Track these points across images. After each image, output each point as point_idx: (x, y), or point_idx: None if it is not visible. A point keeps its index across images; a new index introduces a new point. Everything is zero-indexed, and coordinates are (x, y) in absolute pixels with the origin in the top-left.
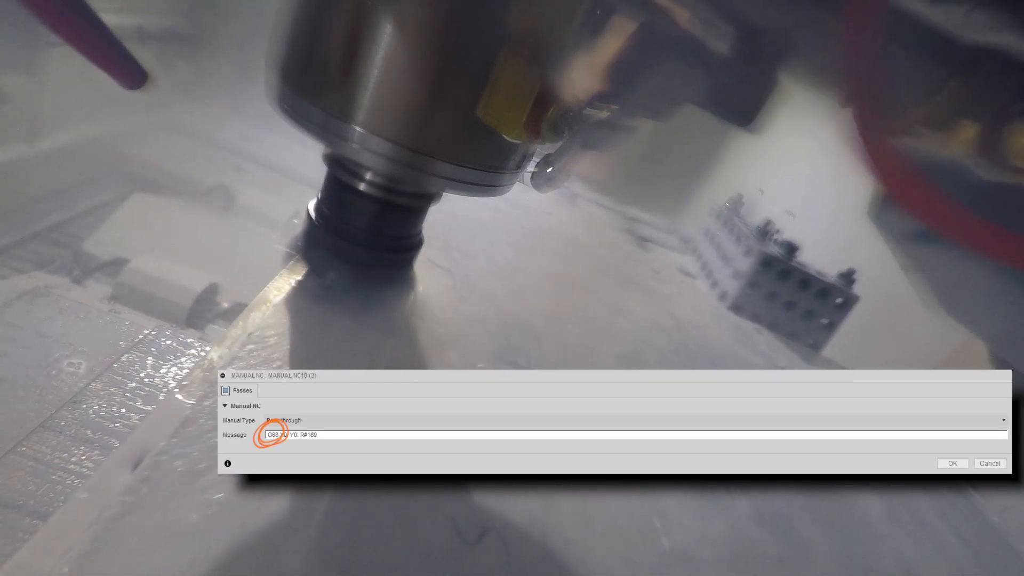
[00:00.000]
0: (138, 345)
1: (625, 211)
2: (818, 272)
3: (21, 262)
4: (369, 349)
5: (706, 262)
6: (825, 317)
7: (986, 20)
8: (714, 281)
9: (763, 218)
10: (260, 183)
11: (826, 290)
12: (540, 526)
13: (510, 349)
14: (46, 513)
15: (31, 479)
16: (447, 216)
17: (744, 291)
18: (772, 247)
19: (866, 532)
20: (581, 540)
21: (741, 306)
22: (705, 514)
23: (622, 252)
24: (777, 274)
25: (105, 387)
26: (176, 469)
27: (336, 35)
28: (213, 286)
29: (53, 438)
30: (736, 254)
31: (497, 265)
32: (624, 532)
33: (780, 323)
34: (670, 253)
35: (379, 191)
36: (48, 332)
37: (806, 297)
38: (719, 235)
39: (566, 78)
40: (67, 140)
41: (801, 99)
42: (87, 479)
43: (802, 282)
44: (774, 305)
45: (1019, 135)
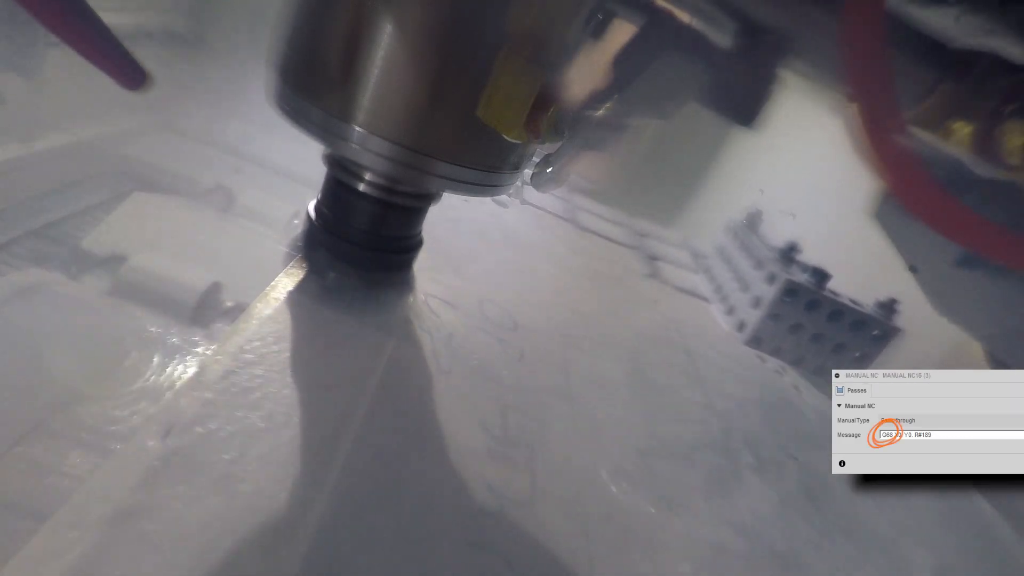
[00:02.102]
0: (139, 344)
1: (631, 223)
2: (852, 301)
3: (18, 260)
4: (369, 349)
5: (720, 284)
6: (858, 350)
7: (977, 23)
8: (730, 307)
9: (786, 240)
10: (260, 183)
11: (862, 321)
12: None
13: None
14: (43, 514)
15: (27, 480)
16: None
17: (765, 323)
18: (797, 272)
19: None
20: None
21: (760, 339)
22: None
23: (623, 260)
24: (805, 304)
25: (104, 387)
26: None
27: (336, 35)
28: (217, 285)
29: (49, 439)
30: (756, 279)
31: (499, 270)
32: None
33: (805, 358)
34: (681, 272)
35: (379, 191)
36: (45, 330)
37: (837, 329)
38: (735, 255)
39: (566, 78)
40: (66, 140)
41: (802, 99)
42: (85, 480)
43: (834, 313)
44: (799, 338)
45: (1012, 135)
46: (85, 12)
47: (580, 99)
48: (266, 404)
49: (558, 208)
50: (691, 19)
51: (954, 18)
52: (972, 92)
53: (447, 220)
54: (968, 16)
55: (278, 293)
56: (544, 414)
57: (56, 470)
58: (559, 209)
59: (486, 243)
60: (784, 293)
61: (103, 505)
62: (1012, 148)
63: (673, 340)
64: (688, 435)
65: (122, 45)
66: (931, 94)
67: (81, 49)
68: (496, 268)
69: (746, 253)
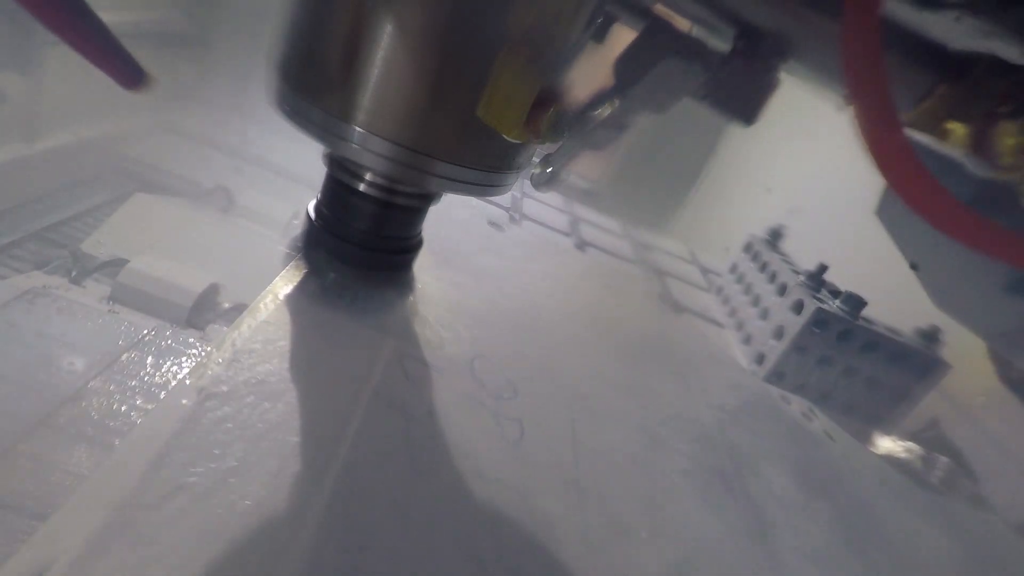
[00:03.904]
0: (138, 345)
1: (635, 235)
2: (889, 329)
3: (19, 262)
4: (369, 349)
5: (734, 307)
6: (896, 386)
7: (976, 25)
8: (746, 335)
9: (814, 262)
10: (260, 184)
11: (901, 353)
12: None
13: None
14: (44, 513)
15: (30, 479)
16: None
17: (789, 356)
18: (828, 300)
19: None
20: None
21: (783, 373)
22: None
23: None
24: (836, 335)
25: (104, 387)
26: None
27: (336, 35)
28: (214, 286)
29: (52, 437)
30: (778, 306)
31: (493, 315)
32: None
33: (834, 393)
34: (692, 290)
35: (379, 191)
36: (47, 332)
37: (872, 361)
38: (752, 277)
39: (567, 78)
40: (65, 140)
41: (803, 98)
42: (85, 478)
43: (869, 344)
44: (828, 373)
45: (1006, 135)
46: (85, 12)
47: (581, 99)
48: (264, 405)
49: (557, 222)
50: (691, 24)
51: (954, 19)
52: (969, 94)
53: (432, 252)
54: (968, 17)
55: (277, 294)
56: (550, 535)
57: (58, 467)
58: (558, 223)
59: (477, 279)
60: (814, 323)
61: (103, 504)
62: (1006, 148)
63: (692, 391)
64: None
65: (122, 45)
66: (929, 96)
67: (81, 49)
68: (490, 312)
69: (765, 274)
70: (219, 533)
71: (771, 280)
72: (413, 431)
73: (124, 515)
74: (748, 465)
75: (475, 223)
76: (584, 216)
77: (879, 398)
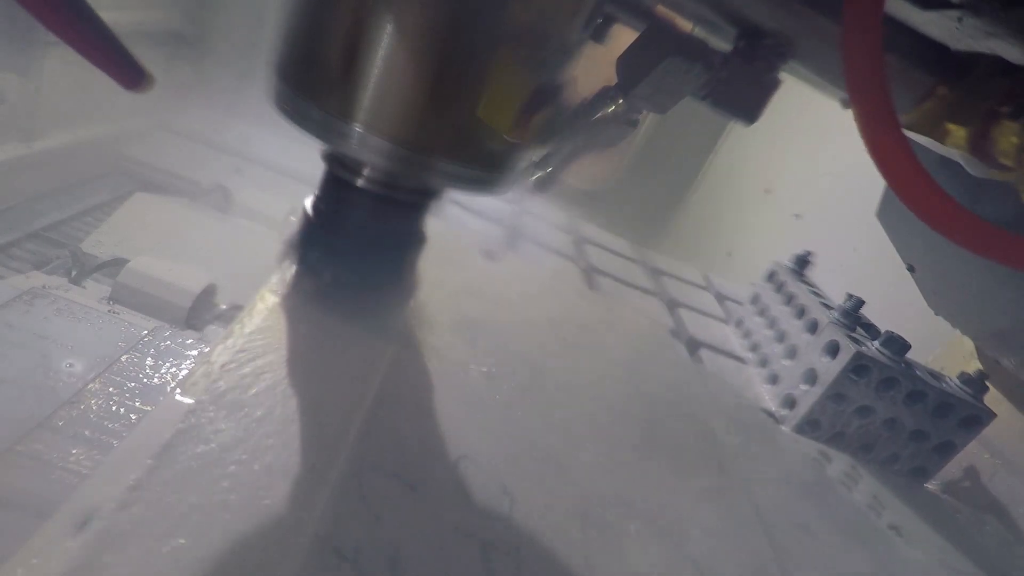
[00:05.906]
0: (137, 346)
1: (645, 259)
2: (932, 374)
3: (19, 262)
4: (368, 355)
5: (756, 341)
6: (939, 437)
7: (979, 25)
8: (772, 374)
9: (848, 296)
10: (260, 184)
11: (948, 404)
12: None
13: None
14: (45, 512)
15: (29, 478)
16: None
17: (824, 404)
18: (865, 341)
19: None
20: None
21: (818, 422)
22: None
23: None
24: (877, 384)
25: (103, 388)
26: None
27: (336, 35)
28: (212, 287)
29: (51, 437)
30: (808, 345)
31: (480, 412)
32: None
33: (875, 447)
34: (708, 322)
35: (378, 189)
36: (46, 332)
37: (916, 413)
38: (776, 310)
39: (566, 78)
40: (65, 140)
41: (802, 100)
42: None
43: (914, 393)
44: (867, 424)
45: (1006, 135)
46: (85, 12)
47: (580, 100)
48: (263, 405)
49: (557, 243)
50: (693, 24)
51: (956, 20)
52: (969, 94)
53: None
54: (969, 18)
55: (273, 294)
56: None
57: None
58: (559, 244)
59: (466, 339)
60: (852, 369)
61: (102, 504)
62: (1006, 149)
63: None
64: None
65: (122, 45)
66: (929, 97)
67: (81, 49)
68: (476, 409)
69: (791, 308)
70: (220, 532)
71: (799, 315)
72: (412, 433)
73: (124, 515)
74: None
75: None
76: (588, 235)
77: (923, 451)
